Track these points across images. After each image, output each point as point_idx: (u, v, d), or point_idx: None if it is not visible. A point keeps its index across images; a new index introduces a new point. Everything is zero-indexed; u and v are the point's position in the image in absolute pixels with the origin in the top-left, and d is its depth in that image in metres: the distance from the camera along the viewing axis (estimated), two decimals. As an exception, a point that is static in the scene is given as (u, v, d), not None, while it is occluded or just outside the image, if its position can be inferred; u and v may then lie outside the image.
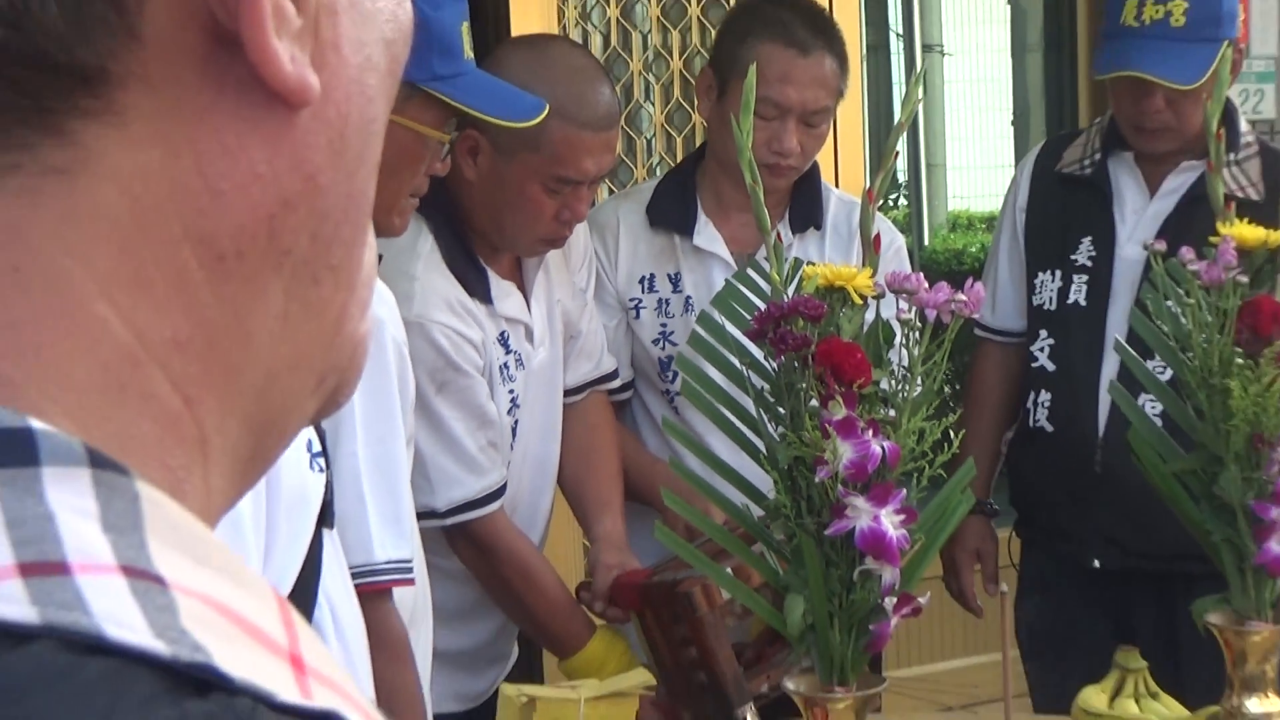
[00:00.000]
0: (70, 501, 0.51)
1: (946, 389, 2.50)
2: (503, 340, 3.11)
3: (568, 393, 3.33)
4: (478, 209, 3.08)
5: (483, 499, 3.04)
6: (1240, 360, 2.62)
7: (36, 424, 0.52)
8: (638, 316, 3.48)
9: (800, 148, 3.34)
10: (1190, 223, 3.25)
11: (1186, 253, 2.71)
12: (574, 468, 3.35)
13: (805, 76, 3.31)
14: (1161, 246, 2.80)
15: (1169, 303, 2.76)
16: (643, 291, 3.48)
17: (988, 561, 3.78)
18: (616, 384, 3.46)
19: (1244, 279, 2.66)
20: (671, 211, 3.48)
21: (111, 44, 0.53)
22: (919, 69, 2.51)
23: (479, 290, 3.07)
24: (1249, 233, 2.69)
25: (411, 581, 2.55)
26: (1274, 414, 2.60)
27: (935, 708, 4.57)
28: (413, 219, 2.99)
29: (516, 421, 3.17)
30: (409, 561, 2.53)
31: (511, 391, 3.15)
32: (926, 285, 2.41)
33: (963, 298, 2.40)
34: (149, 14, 0.54)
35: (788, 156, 3.33)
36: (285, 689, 0.50)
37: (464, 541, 3.08)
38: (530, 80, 2.89)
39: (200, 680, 0.48)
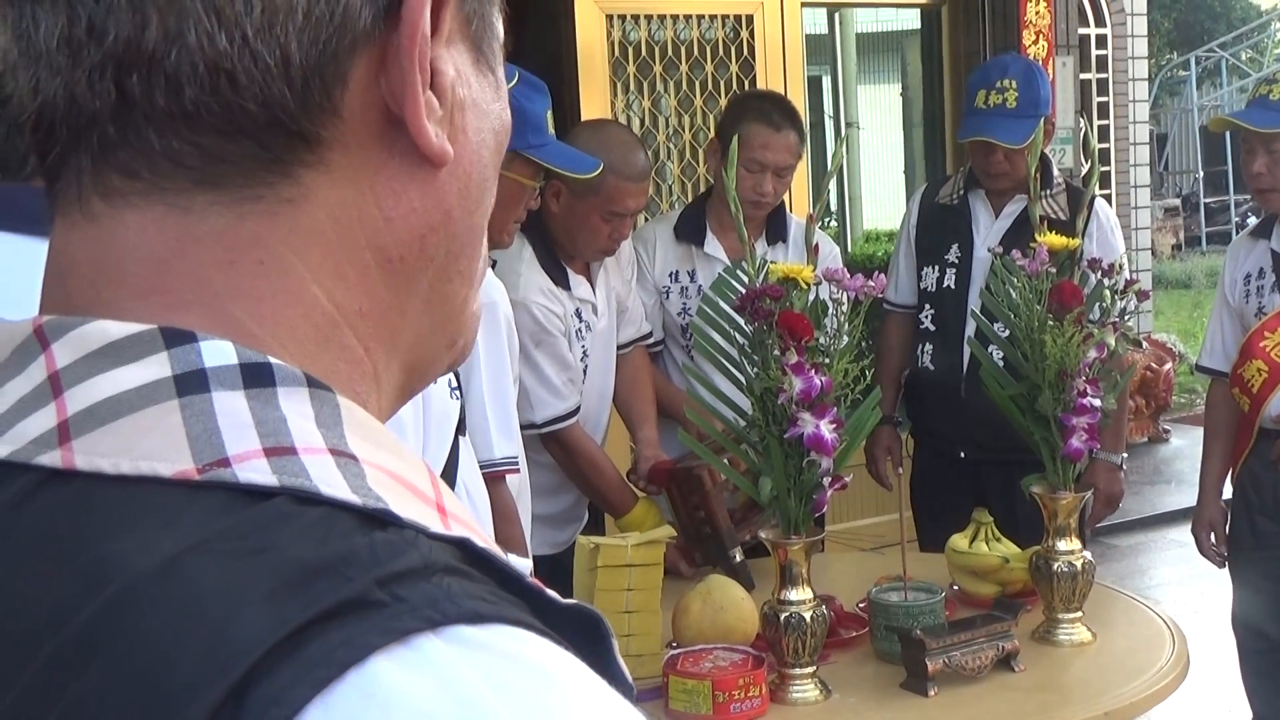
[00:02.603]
0: (296, 408, 0.51)
1: (863, 343, 2.51)
2: (577, 314, 3.11)
3: (619, 348, 3.33)
4: (559, 231, 3.08)
5: (565, 415, 3.04)
6: (1051, 323, 2.63)
7: (273, 360, 0.52)
8: (667, 298, 3.47)
9: (774, 191, 3.34)
10: (1019, 235, 3.24)
11: (1016, 254, 2.71)
12: (623, 395, 3.34)
13: (778, 145, 3.31)
14: (1000, 250, 2.80)
15: (1006, 286, 2.77)
16: (671, 282, 3.47)
17: (894, 454, 3.76)
18: (651, 341, 3.48)
19: (1053, 270, 2.67)
20: (690, 230, 3.47)
21: (323, 119, 0.54)
22: (842, 138, 2.46)
23: (561, 280, 3.07)
24: (1056, 240, 2.69)
25: (518, 470, 2.57)
26: (1074, 357, 2.61)
27: (856, 550, 4.59)
28: (518, 236, 3.02)
29: (587, 367, 3.17)
30: (515, 458, 2.54)
31: (584, 347, 3.14)
32: (849, 276, 2.42)
33: (872, 284, 2.41)
34: (348, 101, 0.54)
35: (765, 197, 3.33)
36: (435, 525, 0.50)
37: (553, 444, 3.08)
38: (594, 148, 2.89)
39: (381, 520, 0.49)
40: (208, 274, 0.54)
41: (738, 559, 2.97)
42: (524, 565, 0.59)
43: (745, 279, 2.48)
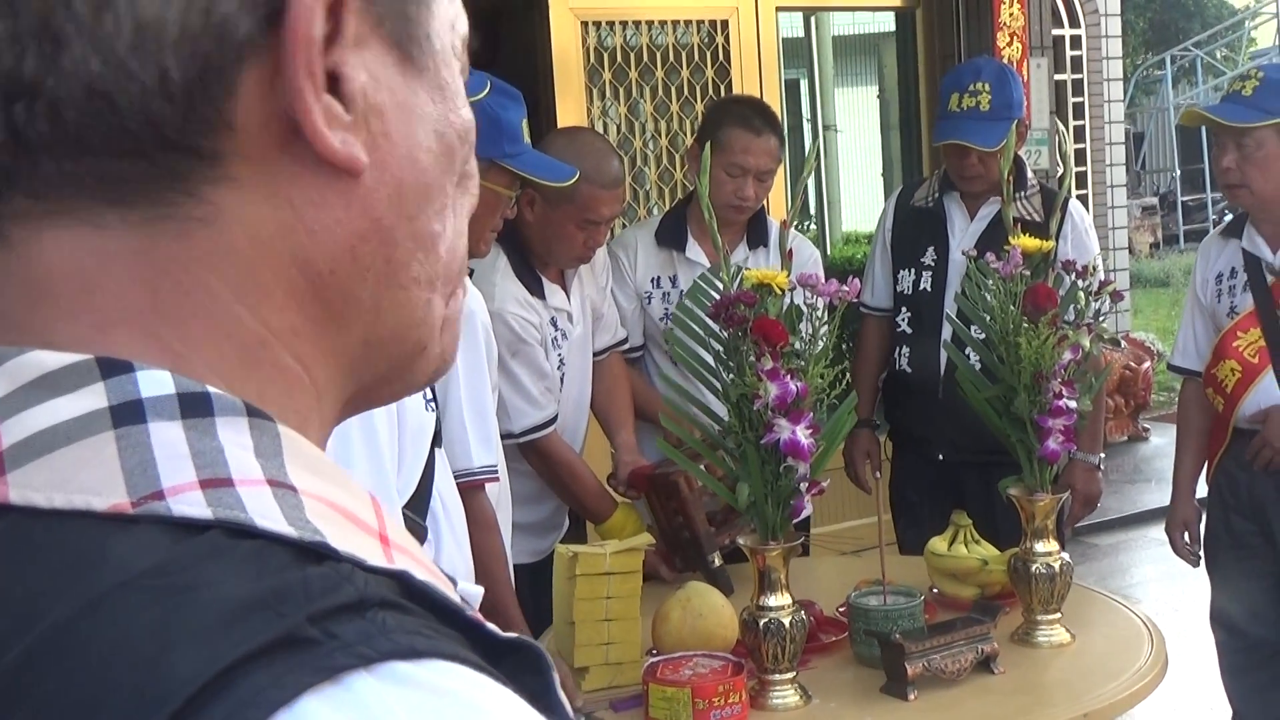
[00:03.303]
0: (235, 438, 0.51)
1: (842, 346, 2.50)
2: (553, 323, 3.11)
3: (595, 354, 3.33)
4: (534, 239, 3.07)
5: (543, 425, 3.04)
6: (1025, 325, 2.64)
7: (212, 389, 0.52)
8: (649, 303, 3.47)
9: (755, 195, 3.35)
10: (994, 237, 3.22)
11: (990, 257, 2.72)
12: (601, 401, 3.34)
13: (759, 149, 3.31)
14: (974, 253, 2.80)
15: (981, 289, 2.77)
16: (653, 287, 3.47)
17: (873, 458, 3.77)
18: (628, 347, 3.46)
19: (1026, 273, 2.67)
20: (671, 235, 3.47)
21: (215, 134, 0.53)
22: (815, 144, 2.46)
23: (536, 290, 3.07)
24: (1029, 243, 2.69)
25: (497, 479, 2.57)
26: (1049, 359, 2.62)
27: (836, 553, 4.59)
28: (494, 246, 3.02)
29: (564, 375, 3.17)
30: (494, 466, 2.54)
31: (560, 355, 3.14)
32: (825, 281, 2.42)
33: (846, 289, 2.41)
34: (241, 113, 0.53)
35: (747, 201, 3.34)
36: (376, 556, 0.50)
37: (532, 453, 3.07)
38: (568, 156, 2.88)
39: (318, 553, 0.48)
40: (132, 293, 0.53)
41: (717, 564, 2.97)
42: (474, 594, 0.59)
43: (720, 285, 2.48)
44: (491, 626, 0.51)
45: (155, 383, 0.51)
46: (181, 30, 0.52)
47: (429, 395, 2.08)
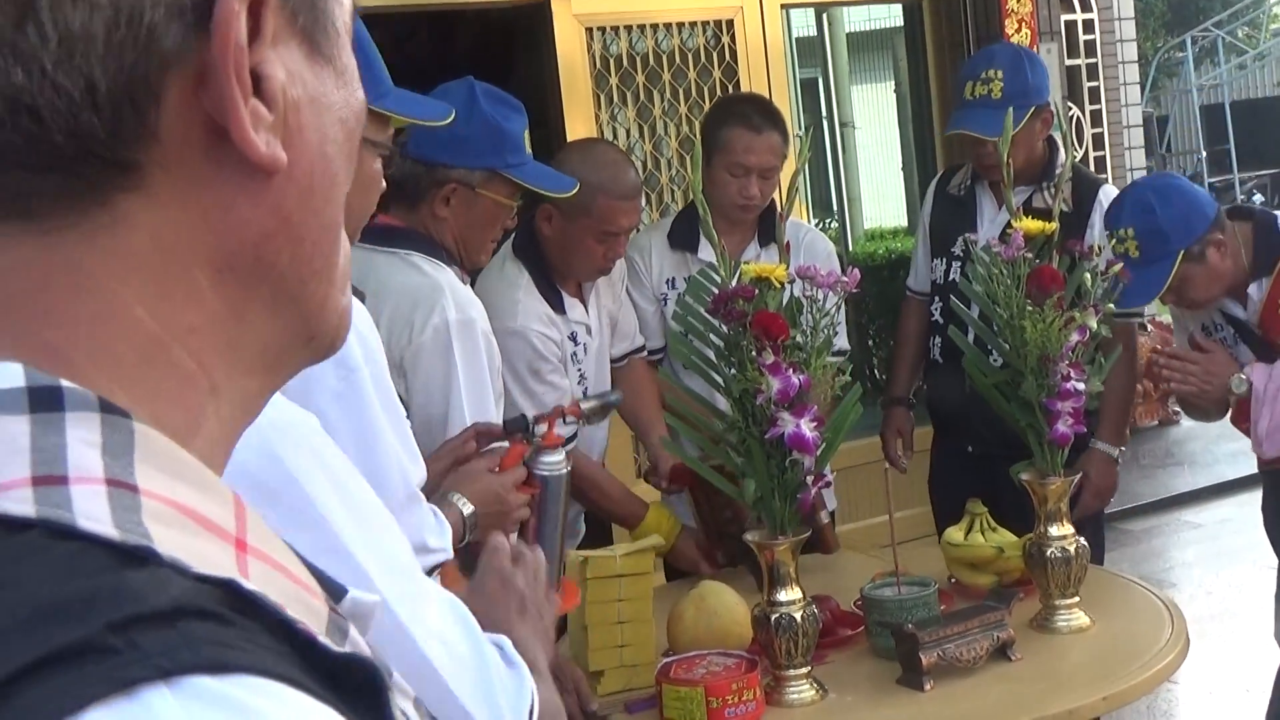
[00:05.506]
0: (83, 435, 0.49)
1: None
2: (573, 337, 3.10)
3: (614, 360, 3.32)
4: (553, 254, 3.05)
5: (564, 442, 3.04)
6: (1030, 308, 2.61)
7: (65, 383, 0.50)
8: (665, 305, 3.46)
9: (760, 193, 3.33)
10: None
11: (993, 241, 2.69)
12: (630, 405, 3.30)
13: (760, 147, 3.30)
14: (975, 238, 2.78)
15: (981, 270, 2.73)
16: (668, 289, 3.45)
17: (906, 436, 3.76)
18: (651, 349, 3.46)
19: (1029, 255, 2.64)
20: (683, 236, 3.46)
21: (139, 145, 0.52)
22: (805, 140, 2.47)
23: (557, 305, 3.05)
24: (1032, 225, 2.66)
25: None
26: (1055, 342, 2.59)
27: (875, 546, 4.53)
28: (511, 262, 3.01)
29: (585, 390, 3.14)
30: (497, 472, 2.53)
31: (580, 370, 3.13)
32: (824, 274, 2.40)
33: (845, 279, 2.40)
34: (165, 124, 0.53)
35: (752, 200, 3.32)
36: (216, 563, 0.48)
37: None
38: (582, 169, 2.87)
39: (141, 557, 0.46)
40: (18, 301, 0.52)
41: None
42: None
43: (719, 282, 2.47)
44: (326, 642, 0.49)
45: (5, 375, 0.50)
46: (107, 41, 0.51)
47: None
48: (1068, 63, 6.47)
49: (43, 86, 0.50)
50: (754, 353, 2.31)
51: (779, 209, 3.65)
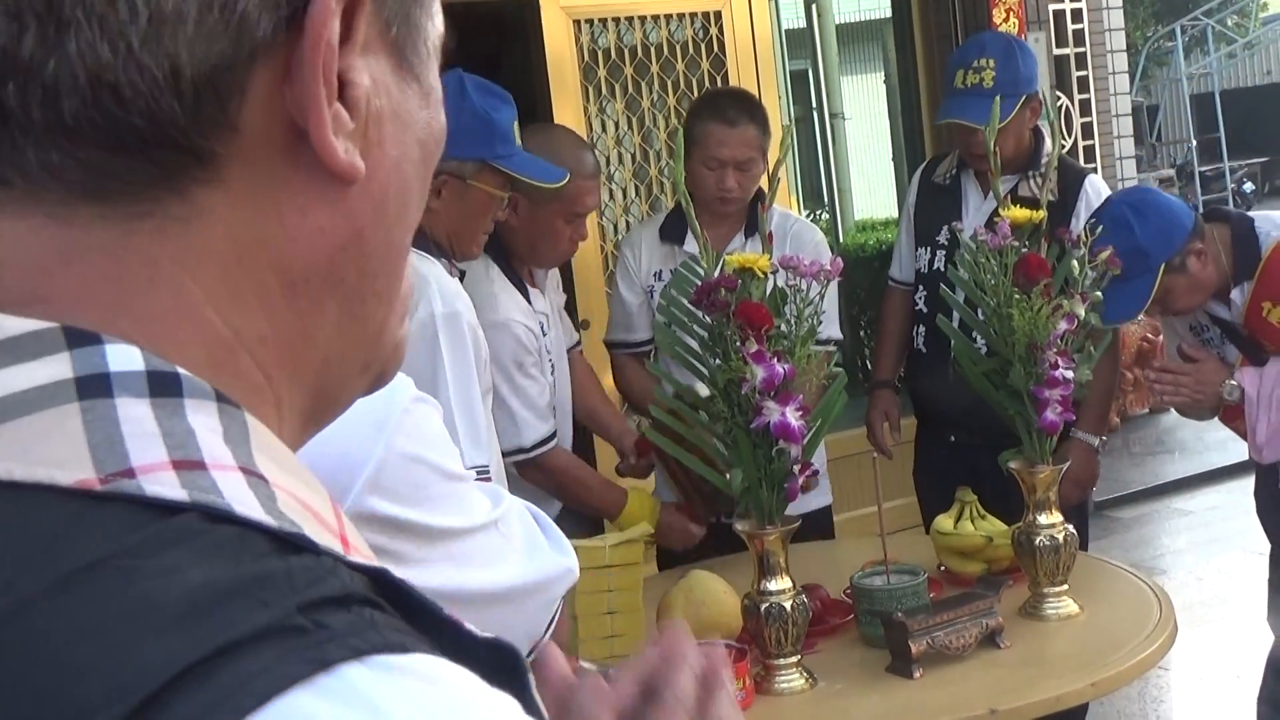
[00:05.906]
0: (204, 422, 0.49)
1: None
2: (541, 327, 3.12)
3: None
4: (519, 242, 3.05)
5: (549, 437, 3.03)
6: (1017, 296, 2.61)
7: (182, 371, 0.50)
8: (652, 297, 3.47)
9: (738, 185, 3.33)
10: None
11: (980, 230, 2.69)
12: (581, 402, 3.34)
13: (734, 140, 3.30)
14: (960, 227, 2.78)
15: (968, 257, 2.73)
16: (655, 281, 3.46)
17: (892, 418, 3.73)
18: (639, 340, 3.48)
19: (1016, 243, 2.64)
20: (672, 230, 3.47)
21: (217, 134, 0.51)
22: (787, 130, 2.46)
23: (524, 294, 3.07)
24: (1019, 214, 2.66)
25: (489, 479, 2.55)
26: (1043, 330, 2.59)
27: (869, 535, 4.53)
28: (482, 255, 3.02)
29: (554, 381, 3.18)
30: (486, 466, 2.52)
31: (551, 361, 3.15)
32: (808, 263, 2.40)
33: (829, 267, 2.40)
34: (245, 115, 0.51)
35: (731, 192, 3.32)
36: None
37: (536, 471, 3.05)
38: (546, 152, 2.86)
39: (296, 544, 0.47)
40: (94, 287, 0.51)
41: None
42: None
43: (702, 273, 2.47)
44: (470, 627, 0.49)
45: (124, 358, 0.49)
46: (198, 24, 0.49)
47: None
48: (1056, 52, 6.45)
49: (127, 65, 0.49)
50: (738, 343, 2.31)
51: (772, 201, 3.68)
